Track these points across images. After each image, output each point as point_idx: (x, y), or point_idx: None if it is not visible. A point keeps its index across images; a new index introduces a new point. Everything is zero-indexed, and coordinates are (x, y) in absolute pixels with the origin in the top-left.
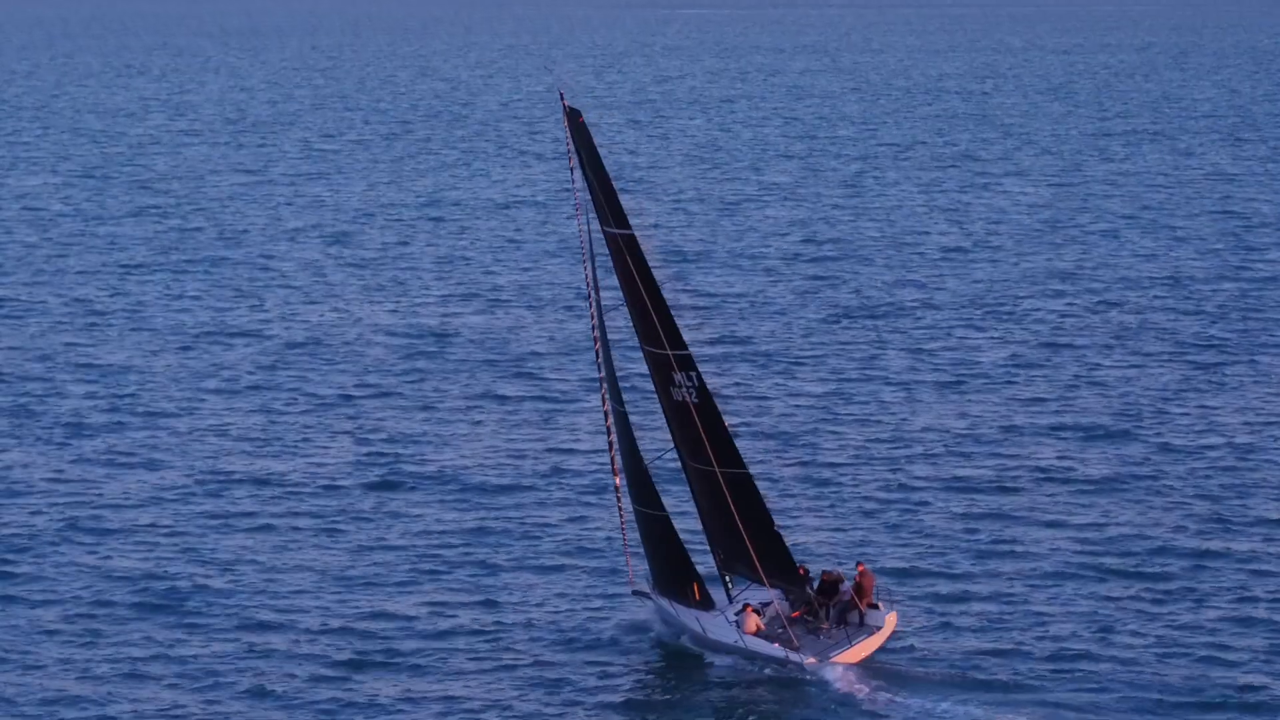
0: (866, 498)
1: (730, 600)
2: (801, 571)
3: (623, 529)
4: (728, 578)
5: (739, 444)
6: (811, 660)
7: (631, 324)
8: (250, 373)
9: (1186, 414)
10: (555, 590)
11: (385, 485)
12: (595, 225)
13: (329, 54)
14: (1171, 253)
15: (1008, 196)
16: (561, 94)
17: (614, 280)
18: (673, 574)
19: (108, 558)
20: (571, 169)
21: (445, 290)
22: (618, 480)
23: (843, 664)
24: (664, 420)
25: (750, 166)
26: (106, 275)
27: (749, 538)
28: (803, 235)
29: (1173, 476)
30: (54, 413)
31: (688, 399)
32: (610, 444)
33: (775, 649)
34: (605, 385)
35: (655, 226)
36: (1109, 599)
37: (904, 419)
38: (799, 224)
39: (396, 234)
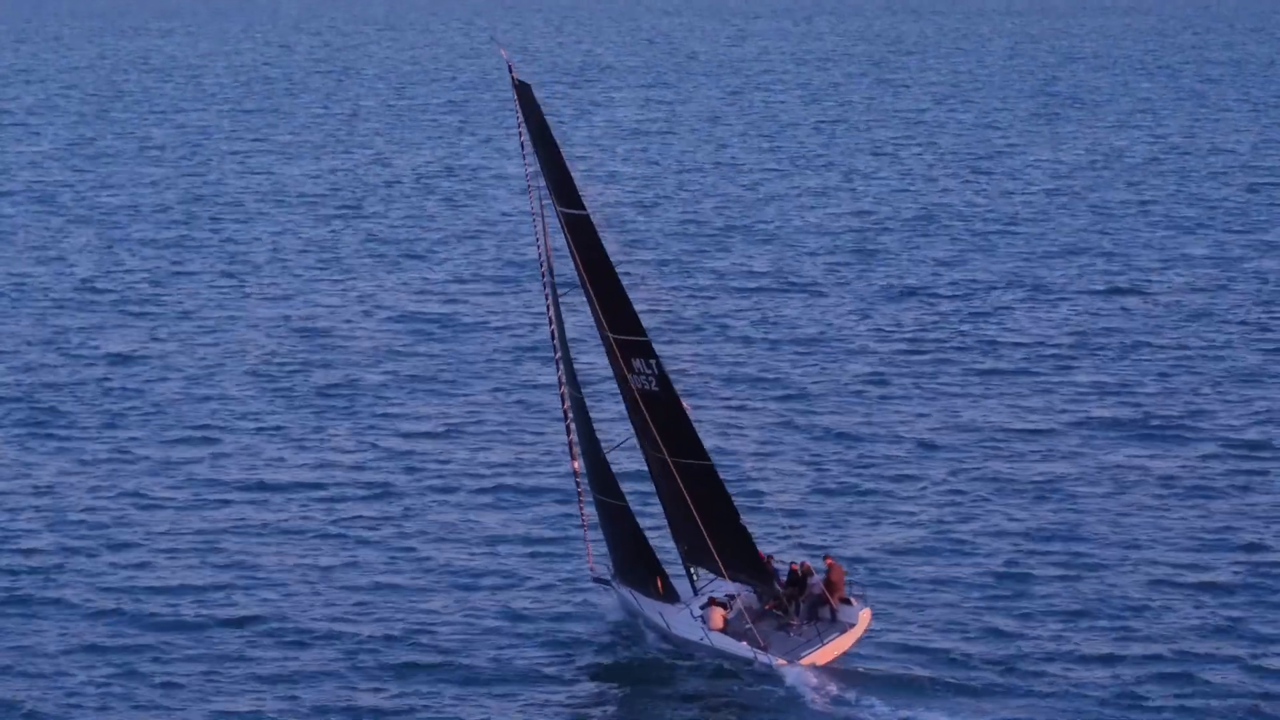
0: (847, 486)
1: (695, 593)
2: (768, 563)
3: (581, 512)
4: (693, 570)
5: (728, 427)
6: (781, 660)
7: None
8: (251, 361)
9: (1225, 407)
10: (513, 577)
11: (344, 471)
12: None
13: (325, 17)
14: (1212, 223)
15: (1038, 167)
16: (510, 66)
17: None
18: (634, 565)
19: (105, 564)
20: (522, 144)
21: (454, 269)
22: (576, 465)
23: (813, 664)
24: (624, 408)
25: (761, 134)
26: (104, 252)
27: (708, 532)
28: (824, 208)
29: (1194, 473)
30: (49, 404)
31: (647, 387)
32: (568, 428)
33: (742, 647)
34: (561, 369)
35: (665, 197)
36: (1103, 602)
37: (889, 410)
38: (819, 196)
39: (401, 208)
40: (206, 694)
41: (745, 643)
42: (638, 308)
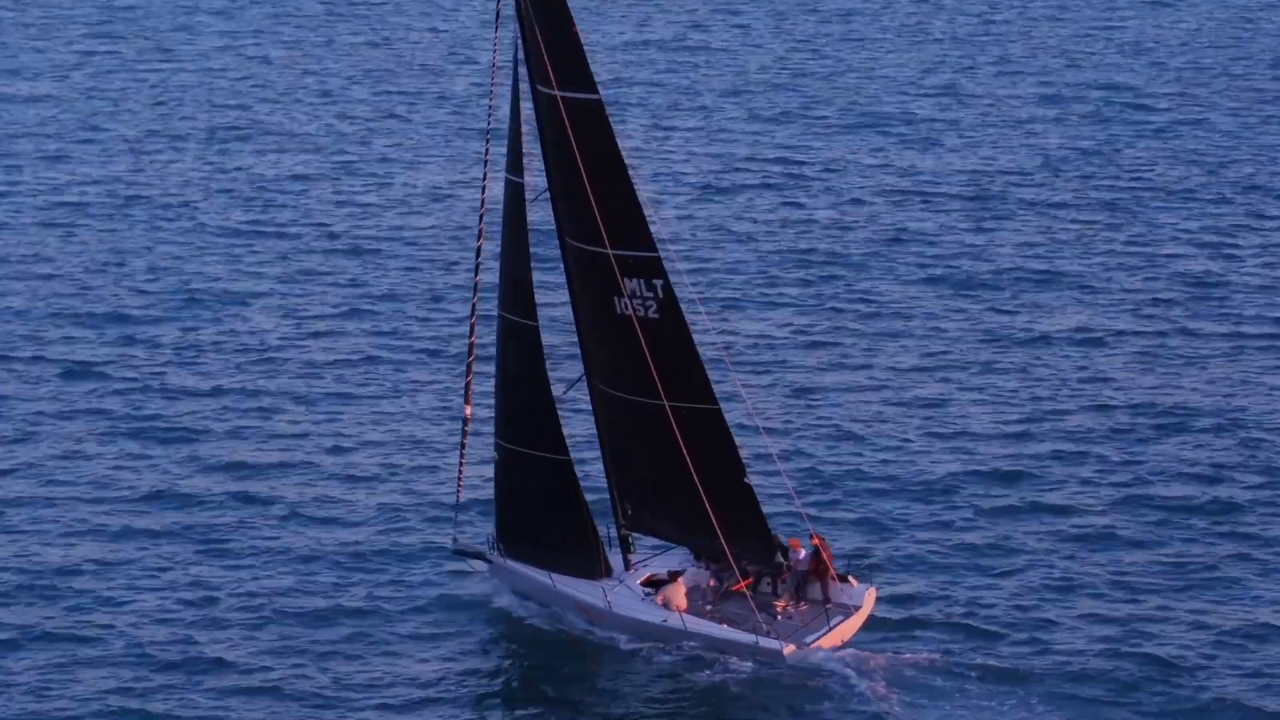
0: (853, 457)
1: (627, 567)
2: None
3: (460, 472)
4: (631, 539)
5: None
6: (790, 648)
7: (555, 217)
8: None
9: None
10: (384, 562)
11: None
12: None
13: None
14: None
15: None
16: None
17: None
18: (562, 536)
19: None
20: (497, 13)
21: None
22: (468, 410)
23: (825, 650)
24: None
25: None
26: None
27: (714, 495)
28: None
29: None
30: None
31: (642, 314)
32: (469, 366)
33: (737, 634)
34: (500, 292)
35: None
36: (1144, 591)
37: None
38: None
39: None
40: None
41: (726, 625)
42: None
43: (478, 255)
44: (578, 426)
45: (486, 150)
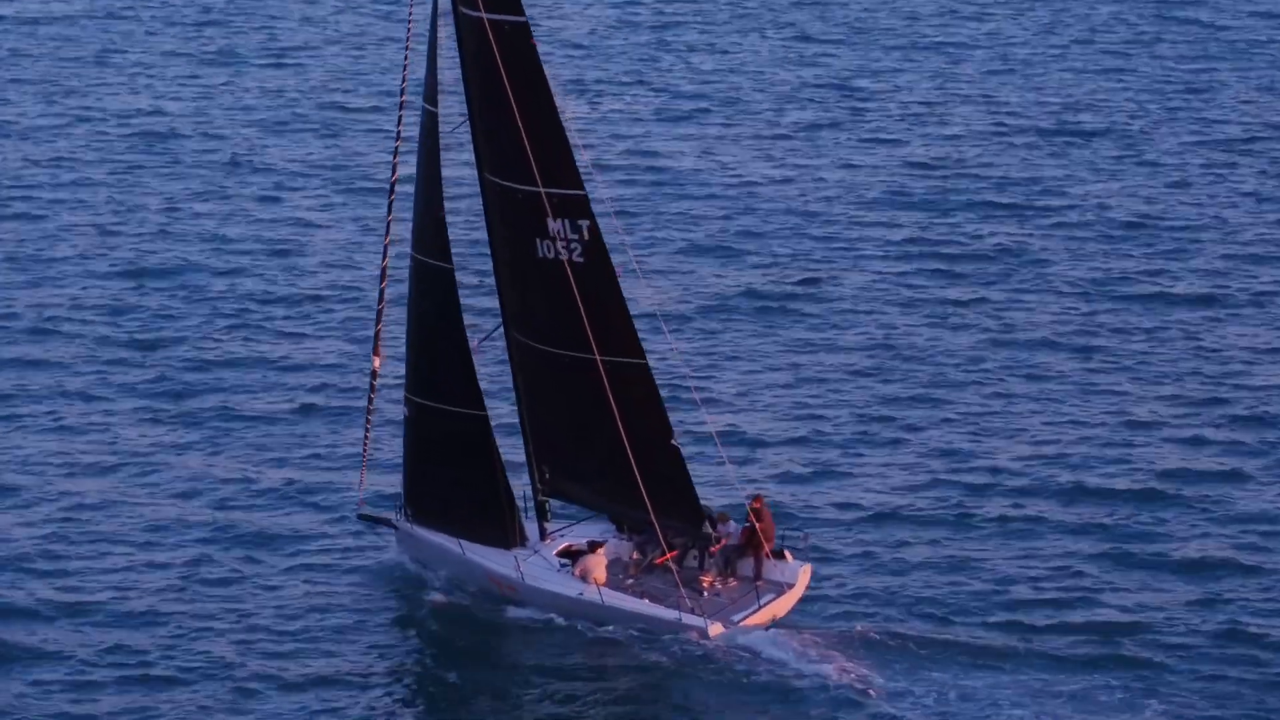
0: (787, 415)
1: (543, 537)
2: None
3: (366, 428)
4: (548, 505)
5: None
6: (716, 627)
7: (475, 151)
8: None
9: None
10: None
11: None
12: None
13: None
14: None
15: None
16: None
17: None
18: (478, 500)
19: None
20: None
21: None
22: (377, 362)
23: (752, 628)
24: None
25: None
26: None
27: (639, 457)
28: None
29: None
30: None
31: (567, 257)
32: (379, 314)
33: (658, 610)
34: (414, 233)
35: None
36: (1090, 559)
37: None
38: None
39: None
40: None
41: (647, 600)
42: None
43: (391, 191)
44: (494, 381)
45: (404, 79)
